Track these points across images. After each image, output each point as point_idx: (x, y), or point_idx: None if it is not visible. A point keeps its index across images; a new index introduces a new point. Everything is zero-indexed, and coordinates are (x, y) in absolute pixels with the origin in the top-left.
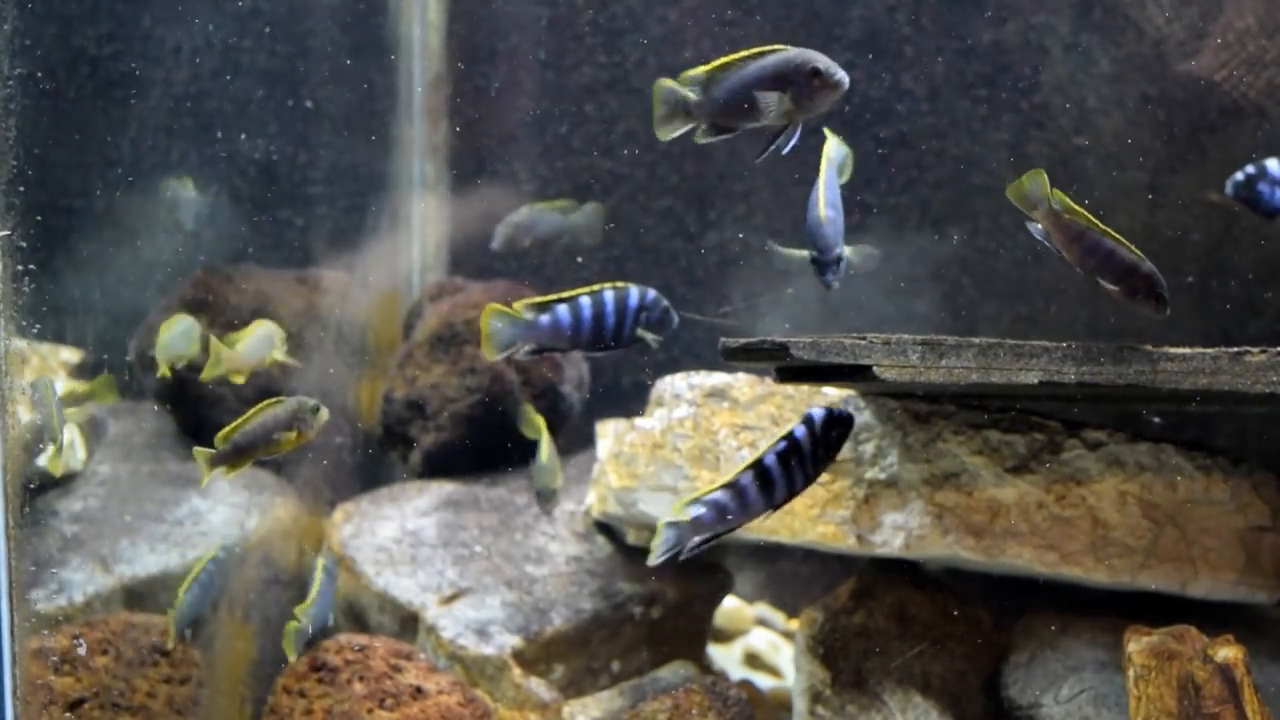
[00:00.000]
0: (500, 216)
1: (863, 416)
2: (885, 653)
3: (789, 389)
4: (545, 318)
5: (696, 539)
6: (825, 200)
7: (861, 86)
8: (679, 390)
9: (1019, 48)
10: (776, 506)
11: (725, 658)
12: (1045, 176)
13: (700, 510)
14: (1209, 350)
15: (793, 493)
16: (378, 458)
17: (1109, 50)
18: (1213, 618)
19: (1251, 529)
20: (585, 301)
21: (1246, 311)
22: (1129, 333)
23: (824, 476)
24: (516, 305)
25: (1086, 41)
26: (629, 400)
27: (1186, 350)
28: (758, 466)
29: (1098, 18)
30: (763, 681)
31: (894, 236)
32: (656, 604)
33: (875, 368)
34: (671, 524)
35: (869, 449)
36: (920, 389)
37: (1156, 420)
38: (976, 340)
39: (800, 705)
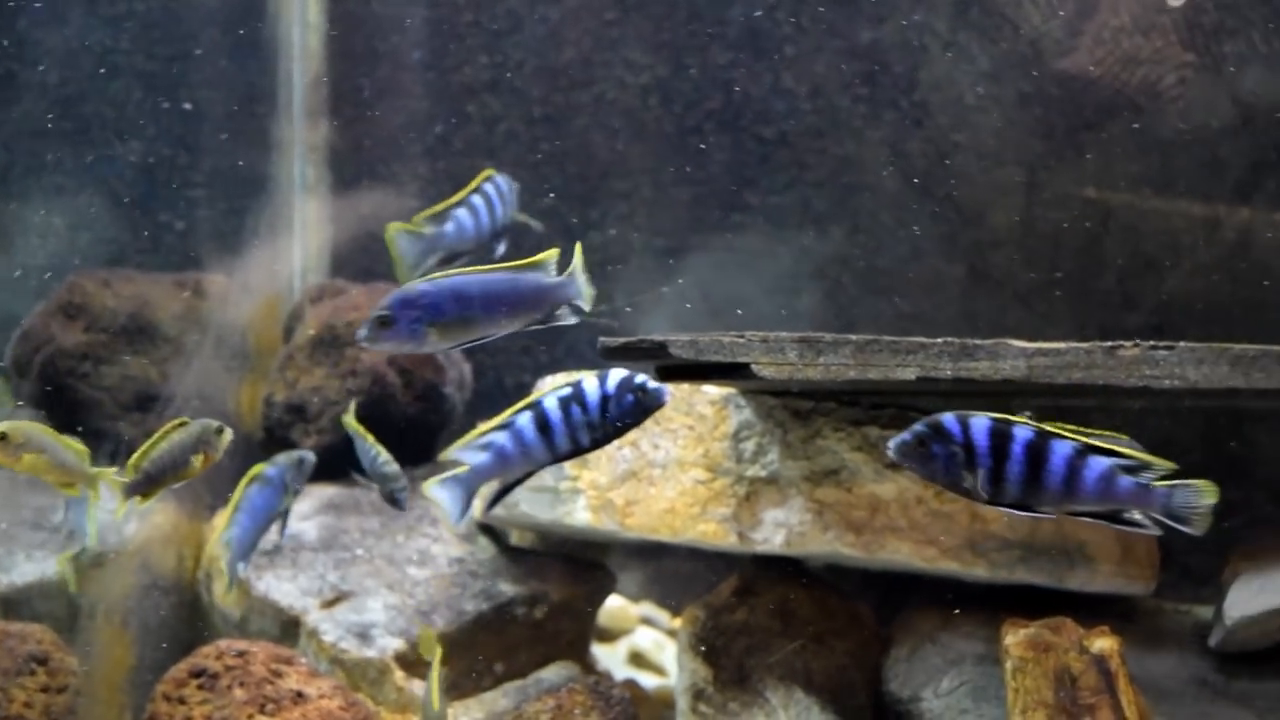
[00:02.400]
0: (382, 218)
1: (743, 414)
2: (767, 650)
3: (669, 387)
4: (448, 225)
5: (493, 492)
6: None
7: (742, 86)
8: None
9: (898, 46)
10: (559, 458)
11: (610, 657)
12: None
13: (478, 455)
14: (1083, 344)
15: (577, 447)
16: (259, 462)
17: (986, 48)
18: (1090, 610)
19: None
20: (475, 199)
21: (1122, 306)
22: (1005, 328)
23: (704, 474)
24: (416, 219)
25: (964, 40)
26: (512, 400)
27: (1061, 345)
28: (535, 408)
29: (975, 16)
30: (647, 680)
31: (775, 235)
32: (540, 604)
33: (753, 365)
34: (450, 480)
35: (749, 447)
36: (800, 386)
37: (1028, 415)
38: (854, 337)
39: (683, 703)
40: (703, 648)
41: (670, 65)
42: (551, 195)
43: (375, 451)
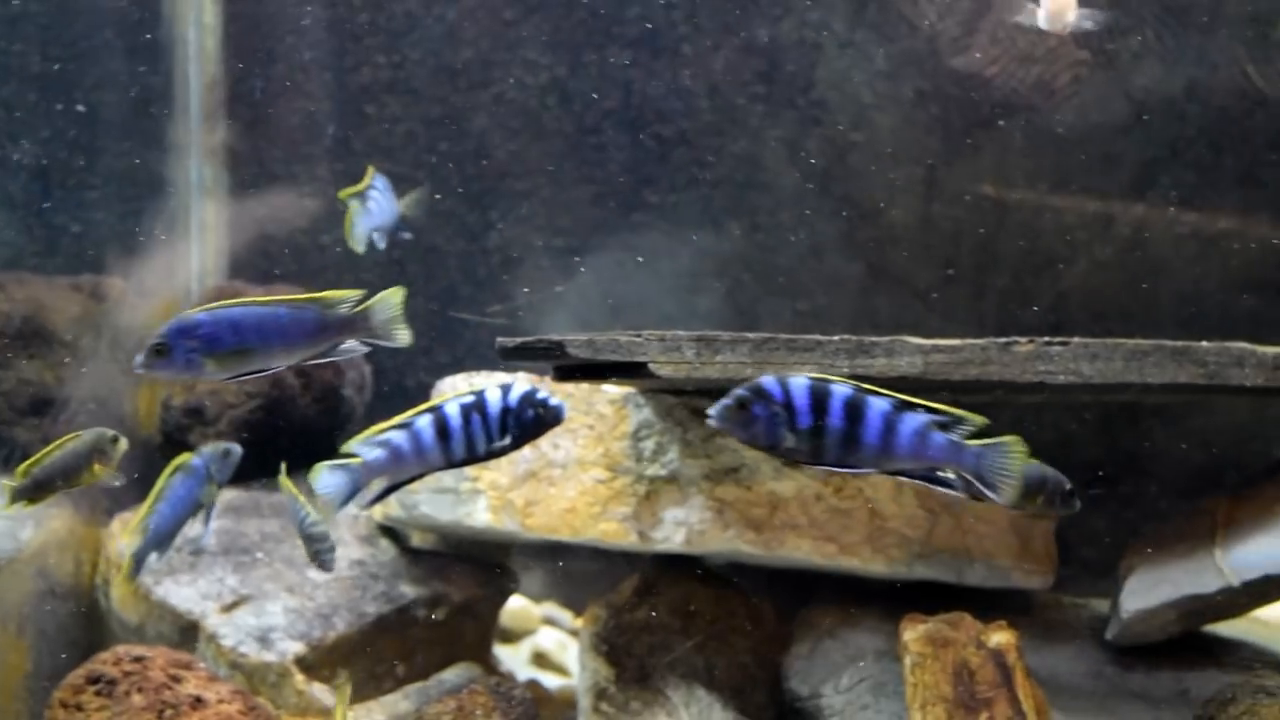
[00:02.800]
0: (281, 219)
1: (643, 413)
2: (669, 648)
3: (569, 387)
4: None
5: (379, 488)
6: None
7: (641, 85)
8: (459, 390)
9: (795, 45)
10: (454, 465)
11: (513, 658)
12: None
13: (373, 451)
14: (979, 341)
15: (473, 455)
16: (157, 466)
17: (883, 47)
18: (989, 604)
19: (1024, 516)
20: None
21: (1019, 302)
22: (904, 326)
23: (604, 474)
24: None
25: (861, 38)
26: (413, 401)
27: (957, 341)
28: (437, 413)
29: (872, 15)
30: (551, 680)
31: (675, 234)
32: (441, 606)
33: (651, 364)
34: (340, 467)
35: (649, 446)
36: (699, 385)
37: None
38: (751, 335)
39: (585, 702)
40: (604, 647)
41: (568, 65)
42: (450, 195)
43: (305, 512)
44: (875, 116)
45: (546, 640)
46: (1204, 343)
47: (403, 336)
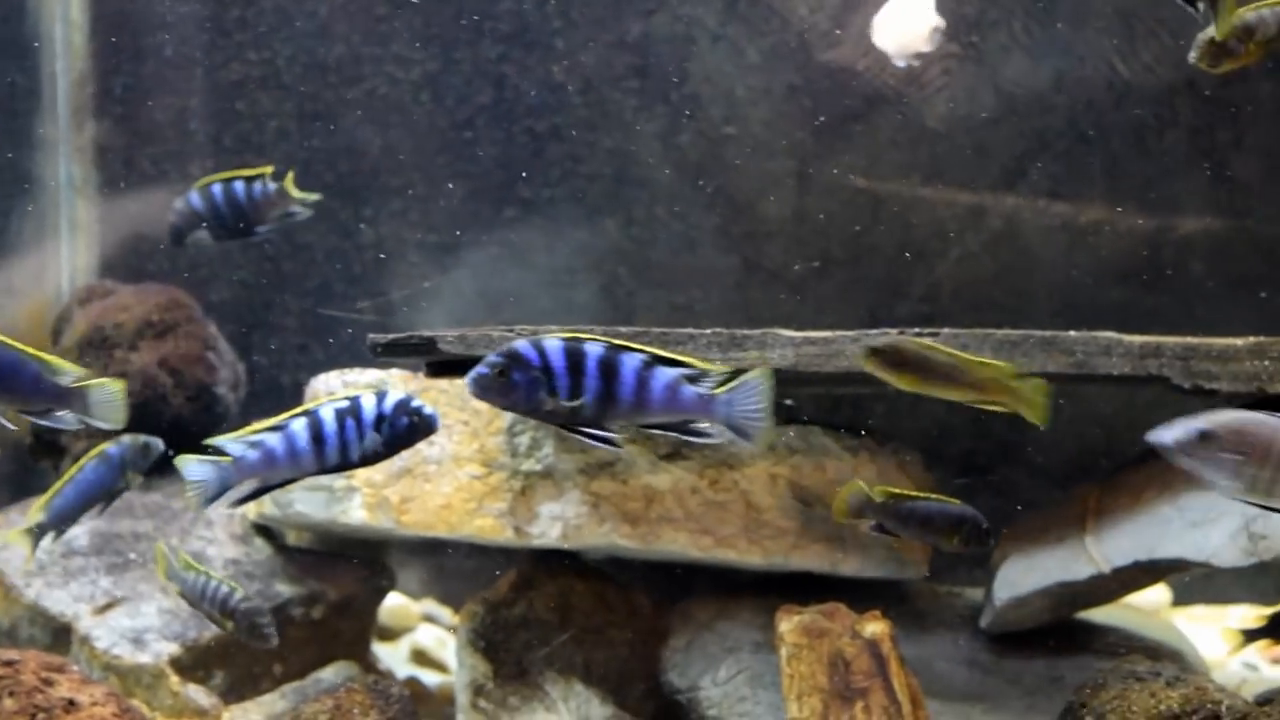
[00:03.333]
0: (152, 217)
1: None
2: (546, 643)
3: (443, 383)
4: None
5: (247, 488)
6: None
7: (514, 80)
8: (333, 387)
9: (667, 39)
10: (325, 470)
11: (392, 655)
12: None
13: (246, 451)
14: (850, 332)
15: (345, 461)
16: (28, 467)
17: (755, 41)
18: (865, 594)
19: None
20: None
21: (893, 294)
22: (780, 318)
23: (479, 469)
24: None
25: (733, 32)
26: (287, 399)
27: (828, 333)
28: (311, 417)
29: (743, 9)
30: (430, 678)
31: (550, 228)
32: (318, 604)
33: None
34: (207, 464)
35: (524, 441)
36: None
37: (789, 403)
38: (623, 329)
39: (463, 699)
40: (482, 643)
41: (441, 60)
42: (323, 192)
43: (229, 588)
44: (748, 110)
45: (426, 637)
46: (1072, 332)
47: (116, 422)
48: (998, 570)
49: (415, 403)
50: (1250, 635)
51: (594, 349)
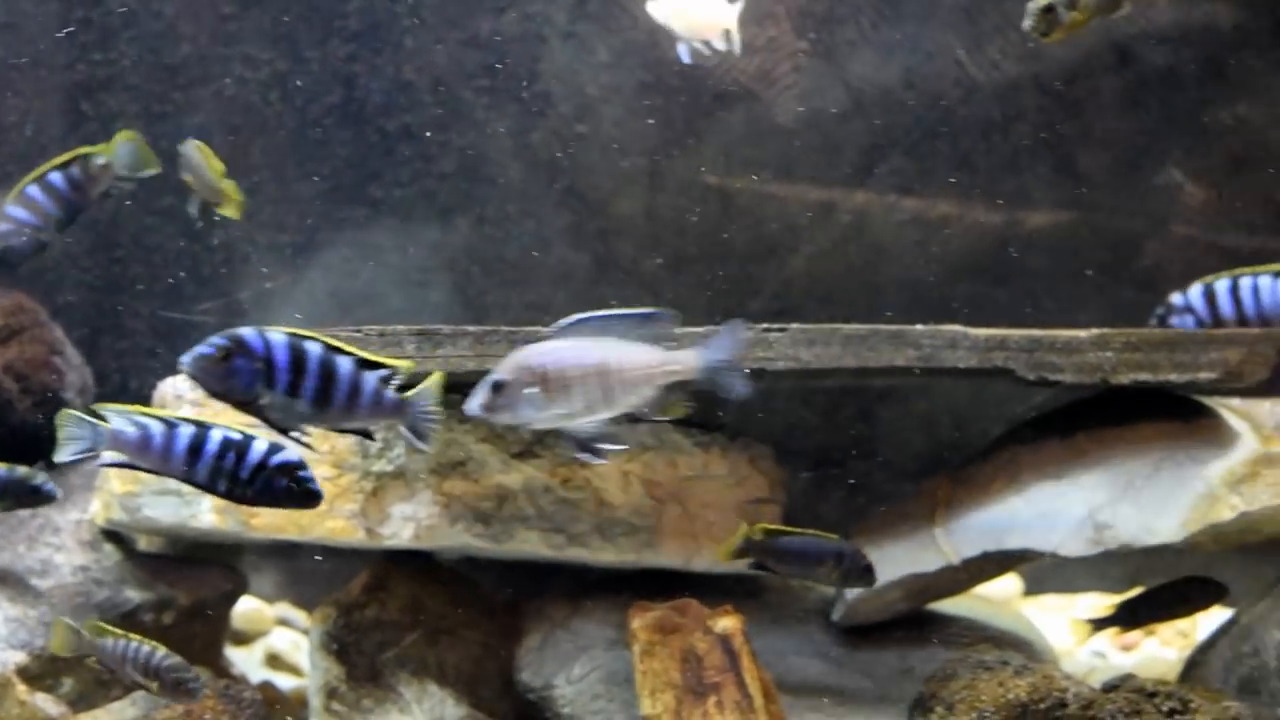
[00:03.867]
0: None
1: None
2: (399, 645)
3: None
4: None
5: (109, 457)
6: None
7: (364, 79)
8: (181, 391)
9: (518, 37)
10: (189, 482)
11: (247, 659)
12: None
13: (126, 426)
14: (699, 329)
15: (212, 485)
16: None
17: (606, 38)
18: (719, 590)
19: (750, 501)
20: None
21: (746, 290)
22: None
23: (330, 470)
24: None
25: (584, 30)
26: (135, 403)
27: (677, 330)
28: (201, 429)
29: (593, 7)
30: (285, 681)
31: (403, 228)
32: (168, 610)
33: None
34: (86, 423)
35: (375, 442)
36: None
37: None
38: (472, 328)
39: (316, 702)
40: (334, 645)
41: (290, 59)
42: (172, 193)
43: (151, 648)
44: (599, 108)
45: (280, 641)
46: (919, 326)
47: None
48: None
49: (304, 472)
50: (1098, 624)
51: (315, 348)
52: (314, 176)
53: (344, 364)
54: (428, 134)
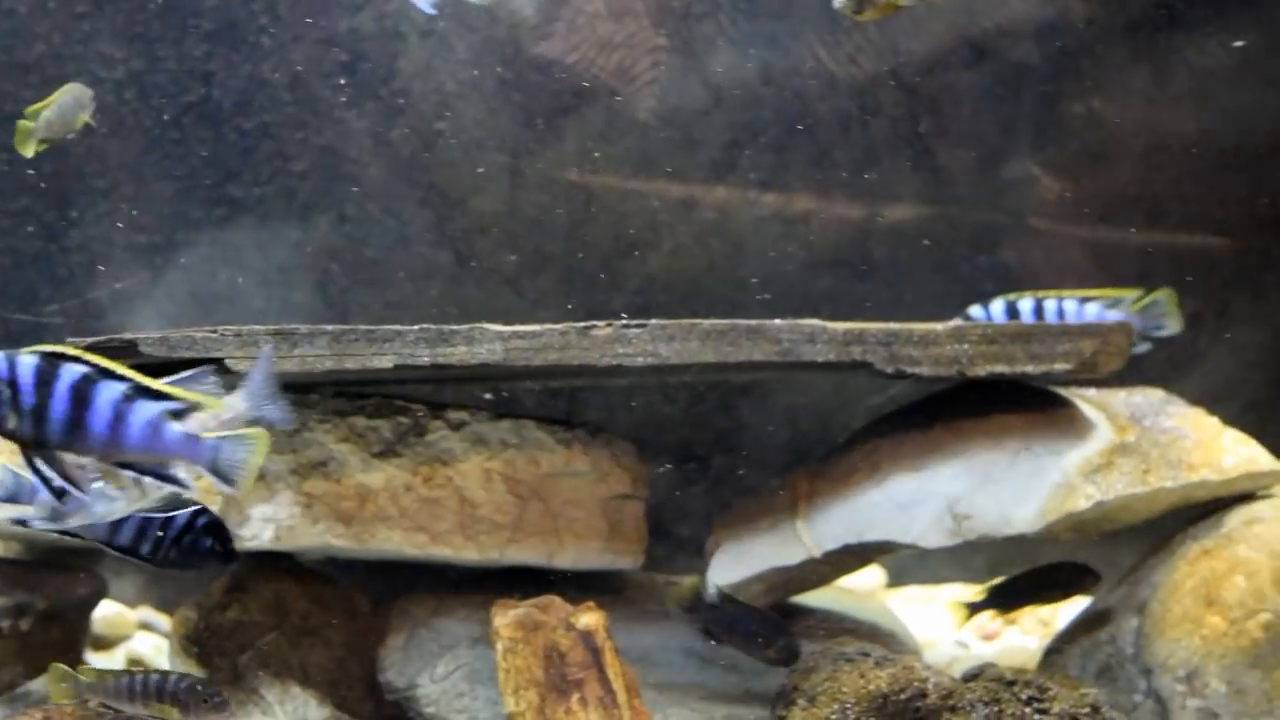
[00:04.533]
0: None
1: None
2: (261, 647)
3: None
4: None
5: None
6: None
7: (221, 77)
8: None
9: (376, 35)
10: (113, 548)
11: (108, 664)
12: None
13: (43, 490)
14: (558, 326)
15: (133, 550)
16: None
17: (464, 36)
18: (584, 586)
19: (613, 497)
20: None
21: (608, 287)
22: (496, 313)
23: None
24: None
25: (442, 28)
26: None
27: (537, 327)
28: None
29: (452, 4)
30: None
31: (263, 227)
32: (25, 615)
33: (228, 360)
34: (12, 474)
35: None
36: (287, 379)
37: (487, 397)
38: (329, 328)
39: None
40: (195, 649)
41: (146, 58)
42: (27, 194)
43: (159, 674)
44: (459, 105)
45: (143, 645)
46: (778, 321)
47: None
48: (712, 558)
49: (230, 543)
50: (974, 608)
51: (71, 371)
52: (171, 176)
53: (107, 392)
54: (286, 132)
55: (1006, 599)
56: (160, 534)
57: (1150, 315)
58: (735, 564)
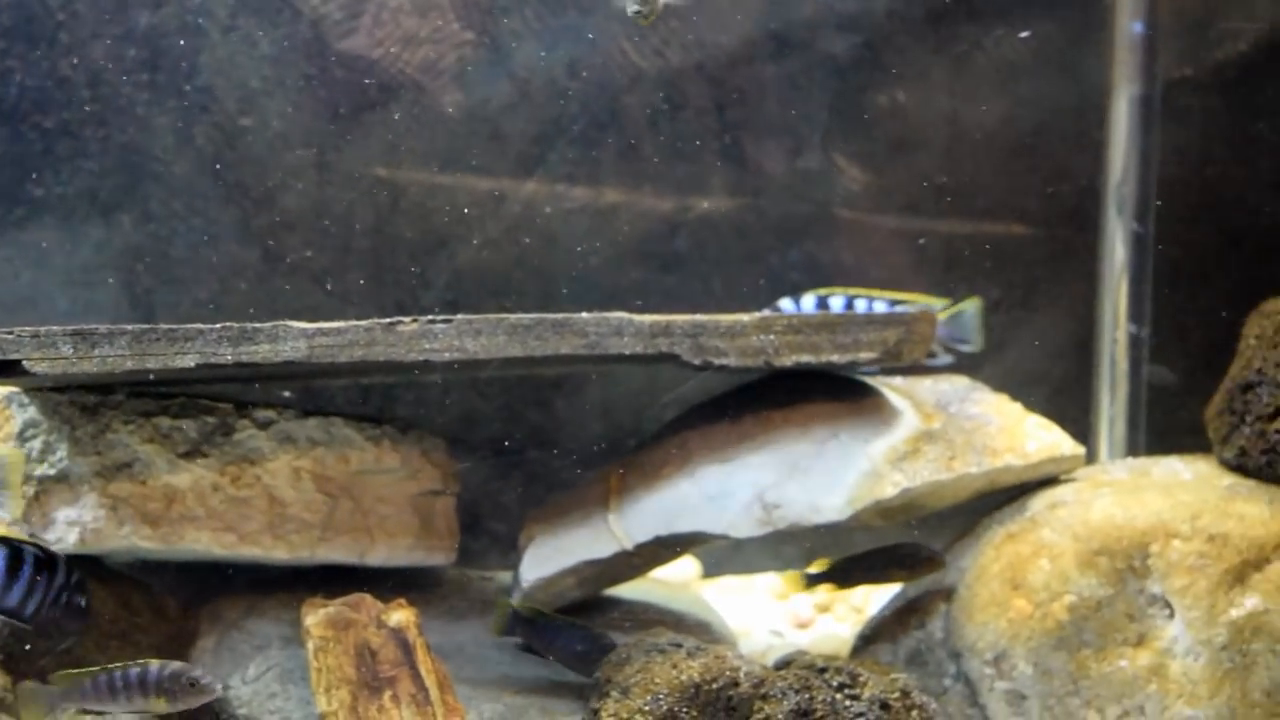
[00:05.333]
0: None
1: (28, 413)
2: (69, 651)
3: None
4: None
5: None
6: None
7: (19, 74)
8: None
9: (178, 31)
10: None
11: None
12: None
13: None
14: (363, 322)
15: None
16: None
17: (268, 31)
18: (398, 583)
19: (424, 494)
20: None
21: (418, 283)
22: (305, 311)
23: None
24: None
25: (245, 24)
26: None
27: (341, 324)
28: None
29: (255, 0)
30: None
31: (65, 227)
32: None
33: (25, 362)
34: None
35: (36, 445)
36: (89, 379)
37: (286, 395)
38: (130, 327)
39: None
40: (1, 655)
41: None
42: None
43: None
44: (264, 101)
45: None
46: (584, 314)
47: None
48: (525, 552)
49: (81, 601)
50: (811, 579)
51: None
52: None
53: None
54: (88, 130)
55: (846, 575)
56: (42, 595)
57: (955, 327)
58: (547, 558)
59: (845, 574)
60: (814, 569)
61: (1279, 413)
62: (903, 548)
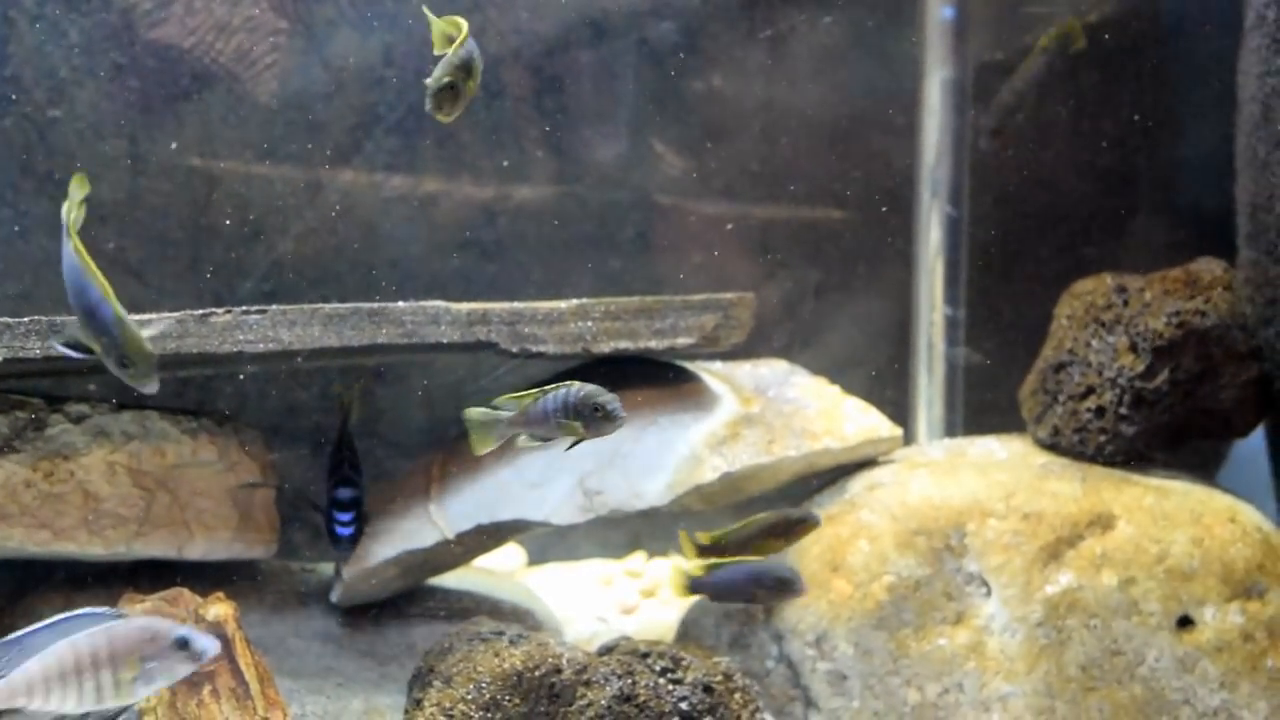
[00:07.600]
0: None
1: None
2: None
3: None
4: None
5: None
6: None
7: None
8: None
9: None
10: None
11: None
12: None
13: None
14: (174, 315)
15: None
16: None
17: (77, 20)
18: (220, 577)
19: (242, 486)
20: None
21: (235, 274)
22: (122, 303)
23: None
24: None
25: (52, 12)
26: None
27: (152, 316)
28: None
29: None
30: None
31: None
32: None
33: None
34: None
35: None
36: None
37: (91, 388)
38: None
39: None
40: None
41: None
42: None
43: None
44: (73, 91)
45: None
46: (401, 303)
47: None
48: None
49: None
50: (703, 549)
51: None
52: None
53: None
54: None
55: (737, 544)
56: None
57: None
58: (368, 548)
59: (736, 544)
60: (704, 540)
61: (1090, 392)
62: (789, 516)
